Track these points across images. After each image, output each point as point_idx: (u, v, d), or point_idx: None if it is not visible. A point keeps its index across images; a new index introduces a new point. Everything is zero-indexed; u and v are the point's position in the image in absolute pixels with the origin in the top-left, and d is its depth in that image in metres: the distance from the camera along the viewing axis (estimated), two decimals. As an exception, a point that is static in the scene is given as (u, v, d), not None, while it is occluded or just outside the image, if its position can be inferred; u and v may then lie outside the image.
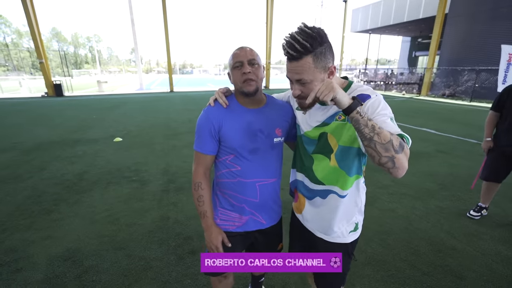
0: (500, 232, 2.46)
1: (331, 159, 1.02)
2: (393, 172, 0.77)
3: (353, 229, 1.11)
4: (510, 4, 12.40)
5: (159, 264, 2.02)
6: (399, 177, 0.79)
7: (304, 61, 0.86)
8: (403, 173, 0.77)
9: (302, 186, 1.16)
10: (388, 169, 0.77)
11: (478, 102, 12.82)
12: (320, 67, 0.89)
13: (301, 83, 0.91)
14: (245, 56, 1.04)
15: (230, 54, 1.09)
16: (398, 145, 0.76)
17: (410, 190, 3.29)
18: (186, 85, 25.79)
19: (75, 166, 4.07)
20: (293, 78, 0.92)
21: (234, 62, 1.05)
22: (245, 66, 1.03)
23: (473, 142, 5.57)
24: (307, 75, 0.88)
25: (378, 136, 0.75)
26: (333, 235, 1.10)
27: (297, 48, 0.85)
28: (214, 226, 1.16)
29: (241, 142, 1.09)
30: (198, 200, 1.14)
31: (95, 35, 70.71)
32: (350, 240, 1.11)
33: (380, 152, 0.75)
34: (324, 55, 0.88)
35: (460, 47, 14.93)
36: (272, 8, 18.94)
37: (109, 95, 16.07)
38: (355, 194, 1.07)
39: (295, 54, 0.86)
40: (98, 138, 5.72)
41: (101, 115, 8.73)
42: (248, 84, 1.05)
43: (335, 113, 0.98)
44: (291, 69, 0.90)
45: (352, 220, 1.10)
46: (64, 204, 2.93)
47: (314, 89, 0.82)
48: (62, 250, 2.16)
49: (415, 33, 23.97)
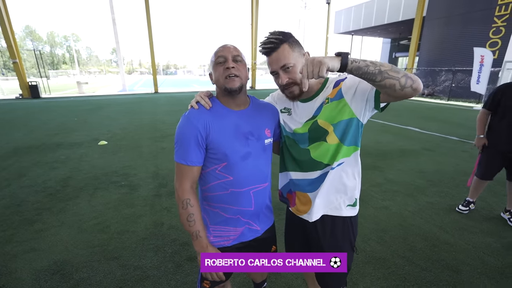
0: (488, 225, 2.56)
1: (328, 140, 1.04)
2: (416, 86, 0.82)
3: (352, 203, 1.11)
4: (481, 9, 13.13)
5: (156, 273, 1.93)
6: (420, 90, 0.84)
7: (282, 48, 0.97)
8: (421, 84, 0.83)
9: (301, 182, 1.13)
10: (411, 86, 0.82)
11: (455, 101, 13.45)
12: (297, 51, 0.99)
13: (286, 68, 0.98)
14: (229, 51, 0.98)
15: (212, 56, 1.02)
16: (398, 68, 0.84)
17: (402, 188, 3.38)
18: (170, 86, 25.28)
19: (58, 172, 3.85)
20: (277, 67, 0.98)
21: (217, 57, 0.98)
22: (229, 61, 0.96)
23: (455, 139, 5.82)
24: (288, 59, 0.96)
25: (383, 66, 0.82)
26: (331, 206, 1.10)
27: (272, 41, 0.96)
28: (210, 247, 1.04)
29: (232, 147, 1.00)
30: (188, 220, 1.00)
31: (73, 34, 67.68)
32: (348, 214, 1.11)
33: (395, 76, 0.82)
34: (296, 43, 0.99)
35: (437, 48, 15.63)
36: (258, 8, 18.99)
37: (90, 96, 15.46)
38: (353, 165, 1.08)
39: (273, 45, 0.96)
40: (82, 142, 5.46)
41: (82, 117, 8.36)
42: (231, 80, 0.97)
43: (321, 104, 1.05)
44: (273, 60, 0.98)
45: (353, 193, 1.10)
46: (48, 213, 2.75)
47: (303, 73, 0.86)
48: (48, 263, 2.02)
49: (395, 35, 24.83)
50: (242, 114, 1.05)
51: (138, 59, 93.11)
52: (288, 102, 1.15)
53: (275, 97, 1.24)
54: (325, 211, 1.12)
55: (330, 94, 1.04)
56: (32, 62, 39.88)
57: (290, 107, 1.14)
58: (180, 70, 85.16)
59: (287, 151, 1.16)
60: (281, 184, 1.25)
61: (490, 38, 12.89)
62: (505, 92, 2.39)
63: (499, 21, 12.52)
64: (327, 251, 1.11)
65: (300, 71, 0.95)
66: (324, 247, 1.13)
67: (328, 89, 1.06)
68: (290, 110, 1.14)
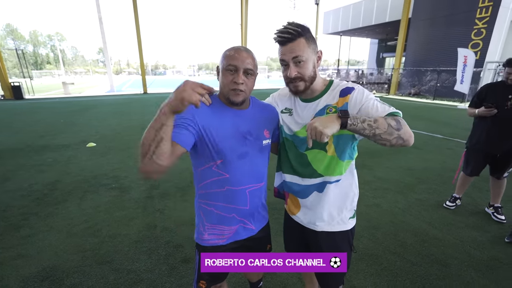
0: (473, 220, 2.66)
1: (328, 150, 1.04)
2: (406, 144, 0.88)
3: (352, 215, 1.15)
4: (463, 11, 13.60)
5: (151, 276, 1.90)
6: (411, 144, 0.89)
7: (299, 41, 0.95)
8: (413, 139, 0.88)
9: (293, 186, 1.15)
10: (401, 145, 0.88)
11: (440, 100, 13.87)
12: (312, 48, 0.98)
13: (297, 61, 0.97)
14: (243, 62, 0.94)
15: (224, 52, 0.98)
16: (396, 124, 0.87)
17: (392, 185, 3.46)
18: (160, 86, 24.92)
19: (45, 175, 3.73)
20: (289, 58, 0.97)
21: (228, 64, 0.94)
22: (240, 76, 0.94)
23: (441, 137, 5.99)
24: (302, 52, 0.96)
25: (378, 129, 0.85)
26: (333, 223, 1.11)
27: (291, 32, 0.94)
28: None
29: (230, 145, 1.01)
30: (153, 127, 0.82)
31: (57, 33, 65.74)
32: (351, 227, 1.14)
33: (387, 138, 0.87)
34: (312, 39, 0.99)
35: (423, 49, 16.06)
36: (247, 8, 18.99)
37: (77, 97, 15.05)
38: (350, 178, 1.11)
39: (290, 36, 0.94)
40: (69, 144, 5.31)
41: (69, 119, 8.13)
42: (236, 94, 0.97)
43: (325, 107, 1.04)
44: (287, 50, 0.97)
45: (352, 205, 1.14)
46: (35, 218, 2.67)
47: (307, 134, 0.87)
48: (37, 270, 1.96)
49: (382, 35, 25.35)
50: (242, 114, 1.05)
51: (126, 59, 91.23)
52: (290, 102, 1.15)
53: (276, 97, 1.23)
54: (320, 226, 1.13)
55: (337, 103, 1.01)
56: (14, 62, 38.37)
57: (291, 108, 1.13)
58: (169, 70, 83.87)
59: (285, 153, 1.16)
60: (277, 183, 1.27)
61: (472, 39, 13.36)
62: (488, 92, 2.49)
63: (480, 23, 13.00)
64: (325, 250, 1.13)
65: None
66: (322, 247, 1.14)
67: (334, 94, 1.04)
68: (291, 110, 1.13)
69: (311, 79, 1.01)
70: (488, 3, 12.60)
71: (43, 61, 63.08)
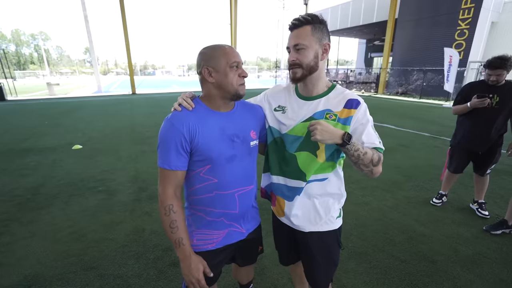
0: (459, 216, 2.73)
1: (319, 155, 1.03)
2: (371, 177, 1.01)
3: (338, 214, 1.16)
4: (446, 13, 14.00)
5: (138, 281, 1.85)
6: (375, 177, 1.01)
7: (303, 29, 0.97)
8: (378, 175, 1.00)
9: (281, 188, 1.14)
10: (368, 176, 1.01)
11: (426, 99, 14.21)
12: (316, 37, 0.98)
13: (297, 48, 0.98)
14: (239, 56, 0.99)
15: (215, 52, 0.97)
16: (376, 162, 0.96)
17: (380, 183, 3.51)
18: (149, 86, 24.52)
19: (28, 179, 3.60)
20: (291, 44, 0.99)
21: (232, 61, 0.96)
22: (243, 69, 1.00)
23: (427, 135, 6.14)
24: (303, 40, 0.97)
25: (361, 160, 0.94)
26: (321, 222, 1.12)
27: (299, 19, 0.98)
28: (194, 255, 0.99)
29: (218, 150, 0.99)
30: (171, 227, 0.96)
31: (41, 33, 63.78)
32: (338, 226, 1.16)
33: (362, 168, 0.97)
34: (321, 30, 0.99)
35: (409, 49, 16.42)
36: (236, 8, 18.94)
37: (62, 98, 14.61)
38: (337, 180, 1.12)
39: (297, 22, 0.97)
40: (54, 146, 5.15)
41: (54, 120, 7.88)
42: (243, 87, 1.01)
43: (325, 111, 1.02)
44: (292, 36, 1.00)
45: (339, 205, 1.15)
46: (16, 224, 2.57)
47: (317, 127, 0.90)
48: (18, 279, 1.88)
49: (370, 35, 25.75)
50: (227, 116, 1.04)
51: (114, 59, 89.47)
52: (284, 100, 1.13)
53: (268, 95, 1.20)
54: (308, 227, 1.13)
55: (340, 113, 1.00)
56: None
57: (285, 105, 1.11)
58: (158, 70, 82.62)
59: (273, 154, 1.15)
60: (264, 184, 1.25)
61: (455, 39, 13.76)
62: (471, 91, 2.55)
63: (463, 24, 13.40)
64: (314, 250, 1.15)
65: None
66: (311, 247, 1.15)
67: (338, 101, 1.02)
68: (285, 108, 1.10)
69: (309, 68, 0.99)
70: (470, 4, 13.01)
71: (26, 61, 61.08)
